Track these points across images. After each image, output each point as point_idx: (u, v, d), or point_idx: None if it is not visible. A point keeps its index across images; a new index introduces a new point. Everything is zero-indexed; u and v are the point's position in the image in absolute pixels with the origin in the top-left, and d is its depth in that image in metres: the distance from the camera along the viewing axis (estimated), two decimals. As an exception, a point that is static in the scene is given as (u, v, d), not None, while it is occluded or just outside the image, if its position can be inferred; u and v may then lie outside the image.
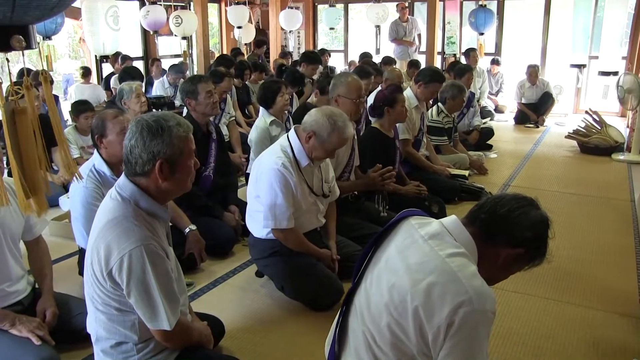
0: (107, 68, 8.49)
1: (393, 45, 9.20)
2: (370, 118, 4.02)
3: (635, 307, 2.76)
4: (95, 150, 2.74)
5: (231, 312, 2.73)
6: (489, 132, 6.43)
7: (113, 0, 6.48)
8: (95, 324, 1.82)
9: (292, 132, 2.77)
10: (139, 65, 8.59)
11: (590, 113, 6.46)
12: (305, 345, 2.44)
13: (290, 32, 10.46)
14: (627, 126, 6.74)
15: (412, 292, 1.38)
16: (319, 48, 10.27)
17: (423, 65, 7.35)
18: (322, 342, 1.80)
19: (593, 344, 2.47)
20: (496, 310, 1.38)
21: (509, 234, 1.47)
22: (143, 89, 5.22)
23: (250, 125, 5.32)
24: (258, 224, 2.80)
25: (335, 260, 2.89)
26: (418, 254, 1.46)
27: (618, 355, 2.39)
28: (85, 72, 7.41)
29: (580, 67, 8.45)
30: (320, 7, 10.84)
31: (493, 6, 9.11)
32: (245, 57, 9.14)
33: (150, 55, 9.23)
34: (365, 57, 7.83)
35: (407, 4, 9.31)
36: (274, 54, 10.09)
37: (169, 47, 10.08)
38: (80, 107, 4.70)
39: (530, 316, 2.70)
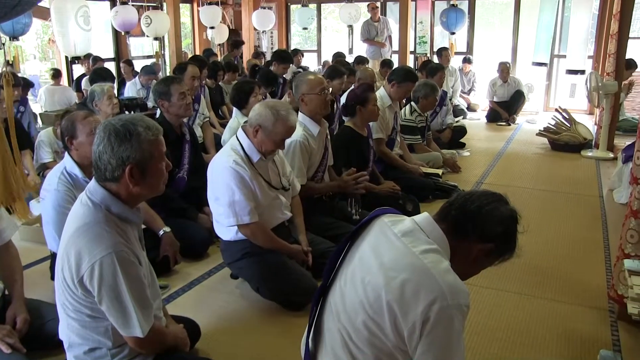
0: (77, 69, 8.34)
1: (365, 44, 9.24)
2: (343, 117, 4.04)
3: (604, 300, 2.82)
4: (66, 153, 2.70)
5: (207, 314, 2.71)
6: (461, 131, 6.50)
7: (83, 0, 6.35)
8: (67, 330, 1.79)
9: (240, 131, 2.79)
10: (111, 66, 8.46)
11: (560, 111, 6.59)
12: (281, 346, 2.45)
13: (263, 32, 10.42)
14: (595, 123, 6.88)
15: (387, 289, 1.40)
16: (292, 48, 10.26)
17: (396, 65, 7.40)
18: (298, 342, 1.81)
19: (564, 336, 2.52)
20: (470, 304, 1.40)
21: (479, 229, 1.49)
22: (115, 91, 5.15)
23: (223, 126, 5.29)
24: (224, 227, 2.80)
25: (308, 252, 2.90)
26: (391, 252, 1.47)
27: (588, 346, 2.45)
28: (56, 74, 7.28)
29: (542, 65, 8.60)
30: (293, 7, 10.83)
31: (464, 6, 9.22)
32: (219, 57, 9.09)
33: (122, 56, 9.11)
34: (339, 56, 7.86)
35: (378, 4, 9.36)
36: (247, 54, 10.06)
37: (141, 48, 9.96)
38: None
39: (504, 312, 2.74)
